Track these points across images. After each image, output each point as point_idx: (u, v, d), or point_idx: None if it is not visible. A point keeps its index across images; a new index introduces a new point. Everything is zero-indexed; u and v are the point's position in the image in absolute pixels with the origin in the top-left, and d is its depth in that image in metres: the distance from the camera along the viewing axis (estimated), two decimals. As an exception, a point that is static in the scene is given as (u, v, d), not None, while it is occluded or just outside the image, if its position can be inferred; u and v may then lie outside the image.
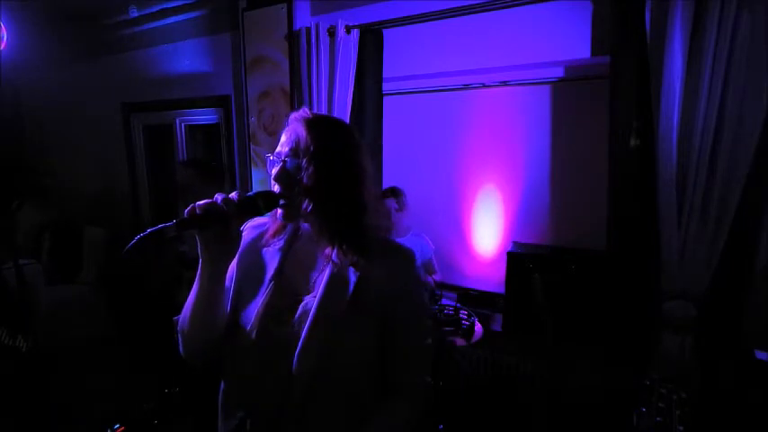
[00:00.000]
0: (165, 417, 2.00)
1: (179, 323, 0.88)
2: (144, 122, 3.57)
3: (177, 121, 3.33)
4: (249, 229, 0.97)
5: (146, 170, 3.63)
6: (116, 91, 3.54)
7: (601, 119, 1.80)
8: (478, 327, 2.05)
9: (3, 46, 2.26)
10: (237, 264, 0.94)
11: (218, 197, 0.78)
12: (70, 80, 3.66)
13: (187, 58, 3.13)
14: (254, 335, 0.84)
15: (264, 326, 0.85)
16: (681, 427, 1.05)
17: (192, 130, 3.36)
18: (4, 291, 2.04)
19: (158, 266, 2.30)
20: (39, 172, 3.79)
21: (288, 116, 0.92)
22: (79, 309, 2.19)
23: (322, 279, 0.85)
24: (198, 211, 0.75)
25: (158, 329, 2.39)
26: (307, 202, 0.83)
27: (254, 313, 0.86)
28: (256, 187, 2.83)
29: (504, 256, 2.03)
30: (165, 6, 2.97)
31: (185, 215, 0.75)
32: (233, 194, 0.79)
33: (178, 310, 0.92)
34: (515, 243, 2.18)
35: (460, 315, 2.05)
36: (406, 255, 0.91)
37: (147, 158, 3.62)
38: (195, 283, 0.84)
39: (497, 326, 2.22)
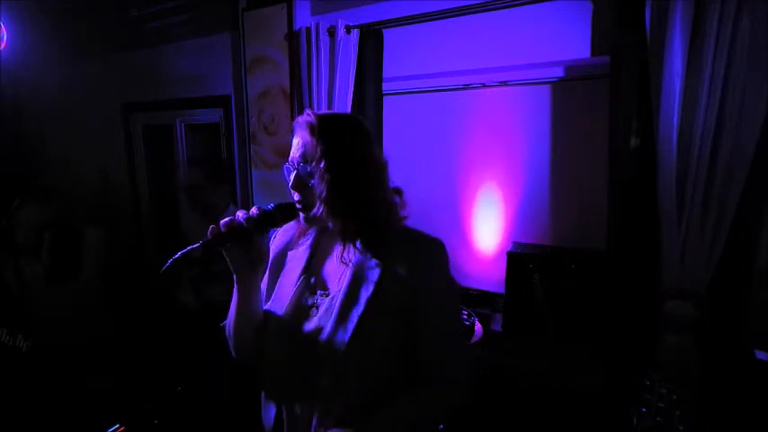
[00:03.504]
0: (165, 417, 2.00)
1: (226, 329, 0.96)
2: (144, 122, 3.57)
3: (177, 121, 3.32)
4: (281, 232, 1.03)
5: (146, 170, 3.63)
6: (116, 91, 3.54)
7: (601, 119, 1.80)
8: (478, 327, 2.05)
9: (3, 46, 2.26)
10: (270, 265, 1.00)
11: (240, 214, 0.83)
12: (70, 80, 3.66)
13: (187, 58, 3.13)
14: (283, 329, 0.90)
15: (293, 321, 0.90)
16: (681, 427, 1.05)
17: (192, 130, 3.36)
18: (4, 291, 2.04)
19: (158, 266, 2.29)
20: (39, 172, 3.78)
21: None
22: (79, 309, 2.19)
23: (346, 275, 0.87)
24: (222, 229, 0.81)
25: (158, 329, 2.39)
26: (322, 205, 0.84)
27: (284, 308, 0.91)
28: (256, 187, 2.84)
29: (504, 256, 2.03)
30: (164, 6, 2.97)
31: (209, 236, 0.80)
32: (253, 210, 0.84)
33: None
34: (515, 243, 2.18)
35: (461, 315, 2.05)
36: (432, 247, 0.89)
37: (147, 158, 3.62)
38: (233, 292, 0.90)
39: (497, 326, 2.22)
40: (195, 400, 2.09)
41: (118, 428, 1.78)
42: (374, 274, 0.85)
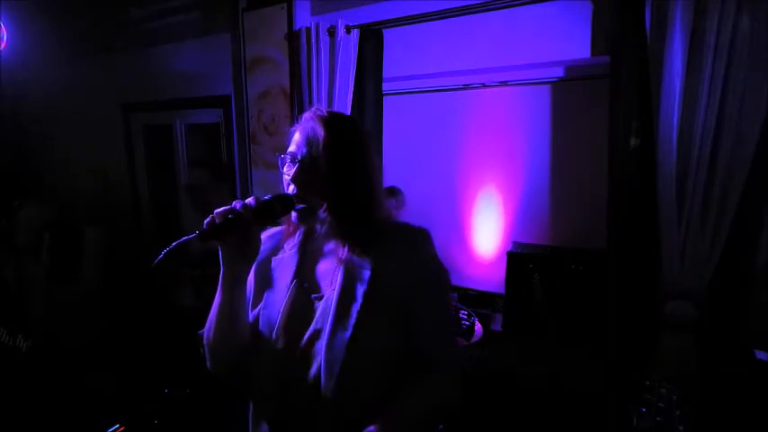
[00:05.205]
0: (165, 417, 2.00)
1: (204, 336, 0.90)
2: (144, 122, 3.57)
3: (177, 121, 3.32)
4: (265, 239, 0.97)
5: (146, 170, 3.63)
6: (116, 91, 3.54)
7: (601, 119, 1.80)
8: (478, 327, 2.05)
9: (3, 46, 2.26)
10: (255, 273, 0.95)
11: (237, 204, 0.79)
12: (70, 80, 3.66)
13: (187, 58, 3.12)
14: (279, 336, 0.86)
15: (289, 326, 0.87)
16: (681, 427, 1.05)
17: (192, 130, 3.36)
18: (4, 291, 2.04)
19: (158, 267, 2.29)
20: (39, 172, 3.78)
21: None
22: (79, 309, 2.19)
23: (338, 274, 0.86)
24: (217, 220, 0.77)
25: (158, 329, 2.39)
26: (324, 200, 0.85)
27: (278, 316, 0.88)
28: (256, 187, 2.84)
29: (504, 256, 2.03)
30: (164, 6, 2.97)
31: (205, 226, 0.77)
32: (250, 200, 0.80)
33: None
34: (515, 243, 2.18)
35: (460, 315, 2.05)
36: (419, 235, 0.91)
37: (147, 158, 3.62)
38: (218, 291, 0.86)
39: (497, 326, 2.22)
40: (194, 400, 2.09)
41: (118, 428, 1.78)
42: (367, 270, 0.84)
